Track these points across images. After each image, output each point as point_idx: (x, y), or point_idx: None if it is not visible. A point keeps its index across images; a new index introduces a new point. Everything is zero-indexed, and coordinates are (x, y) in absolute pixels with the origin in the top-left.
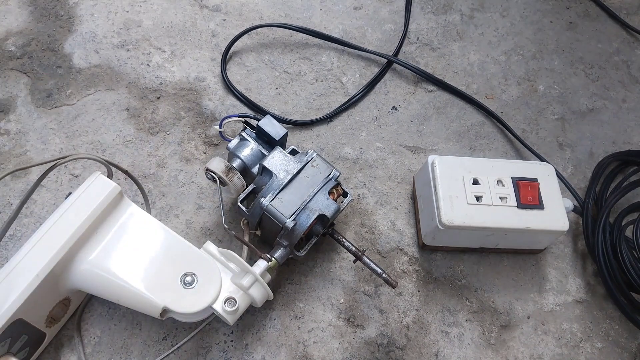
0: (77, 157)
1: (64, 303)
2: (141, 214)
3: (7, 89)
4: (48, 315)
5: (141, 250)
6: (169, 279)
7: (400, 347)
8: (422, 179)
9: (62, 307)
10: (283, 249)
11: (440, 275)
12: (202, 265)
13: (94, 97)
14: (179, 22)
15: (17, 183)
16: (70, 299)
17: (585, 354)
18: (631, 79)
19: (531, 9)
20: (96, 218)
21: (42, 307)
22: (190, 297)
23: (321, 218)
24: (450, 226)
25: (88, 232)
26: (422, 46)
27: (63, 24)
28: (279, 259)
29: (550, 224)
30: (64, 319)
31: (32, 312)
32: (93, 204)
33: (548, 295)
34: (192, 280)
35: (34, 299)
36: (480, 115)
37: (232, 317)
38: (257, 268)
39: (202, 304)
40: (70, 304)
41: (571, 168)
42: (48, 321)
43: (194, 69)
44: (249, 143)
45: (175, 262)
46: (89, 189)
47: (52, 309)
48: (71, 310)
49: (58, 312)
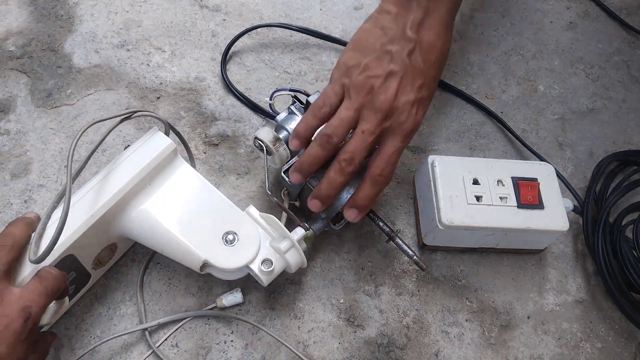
0: (144, 114)
1: (110, 248)
2: (192, 173)
3: (7, 89)
4: (96, 258)
5: (189, 205)
6: (212, 235)
7: (400, 347)
8: (422, 179)
9: (109, 252)
10: (321, 221)
11: (440, 275)
12: (244, 226)
13: (94, 97)
14: (179, 22)
15: (17, 183)
16: (117, 245)
17: (585, 354)
18: (631, 79)
19: (531, 9)
20: (151, 170)
21: (92, 247)
22: (230, 254)
23: None
24: (450, 226)
25: (142, 182)
26: None
27: (63, 24)
28: (316, 230)
29: (550, 224)
30: (109, 264)
31: (83, 251)
32: (150, 157)
33: (548, 295)
34: (234, 238)
35: (87, 238)
36: (480, 115)
37: (267, 278)
38: (294, 235)
39: (240, 261)
40: (116, 250)
41: (571, 168)
42: (95, 263)
43: (194, 69)
44: (296, 117)
45: (219, 220)
46: (147, 143)
47: (100, 251)
48: (116, 257)
49: (104, 256)
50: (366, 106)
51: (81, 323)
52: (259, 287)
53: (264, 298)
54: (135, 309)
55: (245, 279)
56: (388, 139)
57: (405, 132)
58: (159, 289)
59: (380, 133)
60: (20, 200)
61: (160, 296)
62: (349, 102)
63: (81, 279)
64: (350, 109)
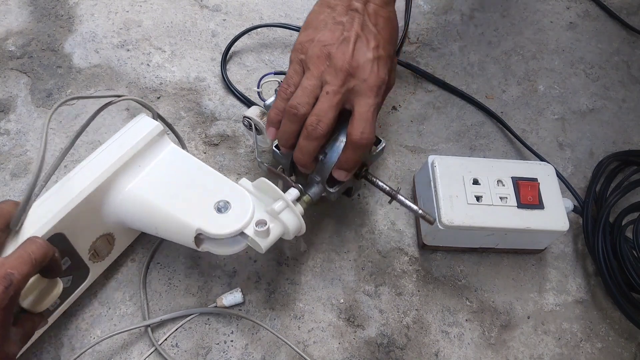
0: (128, 98)
1: (107, 239)
2: (180, 152)
3: (7, 89)
4: (92, 246)
5: (178, 181)
6: (204, 205)
7: (400, 347)
8: (422, 179)
9: (106, 243)
10: (316, 185)
11: (441, 275)
12: (236, 194)
13: None
14: (179, 22)
15: (17, 183)
16: (114, 236)
17: (586, 354)
18: (631, 79)
19: (531, 9)
20: (138, 151)
21: (85, 232)
22: (224, 221)
23: None
24: (450, 226)
25: (130, 163)
26: (422, 46)
27: (63, 23)
28: (312, 194)
29: (551, 224)
30: (108, 260)
31: (75, 234)
32: (137, 138)
33: (548, 295)
34: (226, 206)
35: (76, 217)
36: (480, 115)
37: (263, 240)
38: (288, 195)
39: (234, 227)
40: (114, 243)
41: (571, 168)
42: (91, 254)
43: (194, 68)
44: None
45: (210, 191)
46: (135, 126)
47: (95, 240)
48: (115, 252)
49: (102, 248)
50: (326, 71)
51: (81, 323)
52: (259, 287)
53: (263, 298)
54: (135, 308)
55: (246, 279)
56: (358, 99)
57: (371, 88)
58: (159, 288)
59: (345, 93)
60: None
61: (161, 296)
62: (309, 73)
63: (78, 270)
64: (312, 78)
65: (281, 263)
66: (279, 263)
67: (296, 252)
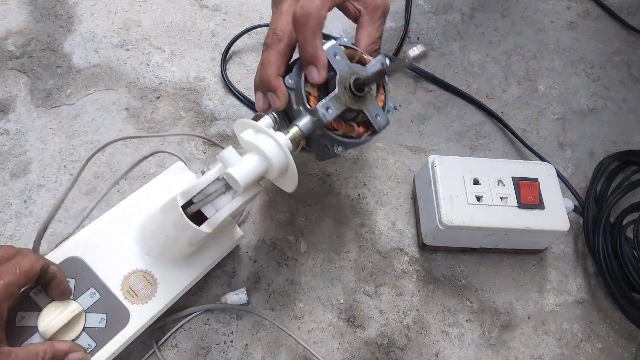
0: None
1: (145, 277)
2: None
3: (6, 89)
4: (124, 281)
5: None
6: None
7: (400, 347)
8: (422, 178)
9: (145, 282)
10: (304, 116)
11: (441, 275)
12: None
13: (93, 96)
14: (179, 22)
15: (16, 183)
16: (153, 276)
17: (586, 354)
18: (631, 79)
19: (531, 9)
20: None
21: (111, 262)
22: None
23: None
24: (451, 226)
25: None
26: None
27: (63, 23)
28: (303, 128)
29: (551, 224)
30: (153, 305)
31: (97, 260)
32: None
33: (548, 295)
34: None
35: (94, 241)
36: (480, 115)
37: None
38: (261, 122)
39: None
40: (155, 283)
41: (572, 168)
42: (126, 290)
43: (193, 68)
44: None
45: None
46: (169, 176)
47: (127, 274)
48: (161, 296)
49: (138, 286)
50: None
51: None
52: (259, 287)
53: (264, 298)
54: None
55: (246, 279)
56: None
57: None
58: None
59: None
60: (19, 200)
61: None
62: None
63: (113, 308)
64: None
65: (281, 263)
66: (279, 263)
67: (296, 252)
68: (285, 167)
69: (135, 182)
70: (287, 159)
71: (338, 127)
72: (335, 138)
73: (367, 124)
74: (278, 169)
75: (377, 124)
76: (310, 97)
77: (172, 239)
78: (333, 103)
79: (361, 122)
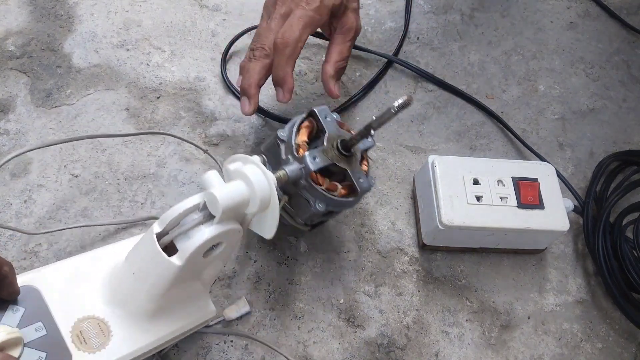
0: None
1: (99, 326)
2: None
3: (6, 89)
4: (75, 325)
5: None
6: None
7: (400, 347)
8: (422, 179)
9: (97, 330)
10: (292, 163)
11: (441, 275)
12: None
13: (93, 96)
14: (179, 22)
15: (16, 183)
16: (109, 327)
17: (586, 354)
18: (631, 79)
19: (531, 9)
20: None
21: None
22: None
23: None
24: (451, 226)
25: None
26: (422, 46)
27: (63, 23)
28: (289, 171)
29: (551, 224)
30: (98, 353)
31: (52, 296)
32: None
33: (548, 295)
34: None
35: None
36: (480, 115)
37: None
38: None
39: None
40: (109, 335)
41: (571, 168)
42: (75, 335)
43: (193, 68)
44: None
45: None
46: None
47: (79, 318)
48: (112, 350)
49: (89, 334)
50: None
51: None
52: (259, 287)
53: (263, 298)
54: None
55: (246, 279)
56: (294, 11)
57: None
58: None
59: (287, 12)
60: (19, 200)
61: None
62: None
63: (55, 349)
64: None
65: (281, 263)
66: (279, 263)
67: (296, 252)
68: (267, 201)
69: (135, 182)
70: (270, 191)
71: (322, 182)
72: (319, 191)
73: (350, 189)
74: (260, 199)
75: (360, 186)
76: (299, 149)
77: (139, 277)
78: (320, 155)
79: (345, 185)
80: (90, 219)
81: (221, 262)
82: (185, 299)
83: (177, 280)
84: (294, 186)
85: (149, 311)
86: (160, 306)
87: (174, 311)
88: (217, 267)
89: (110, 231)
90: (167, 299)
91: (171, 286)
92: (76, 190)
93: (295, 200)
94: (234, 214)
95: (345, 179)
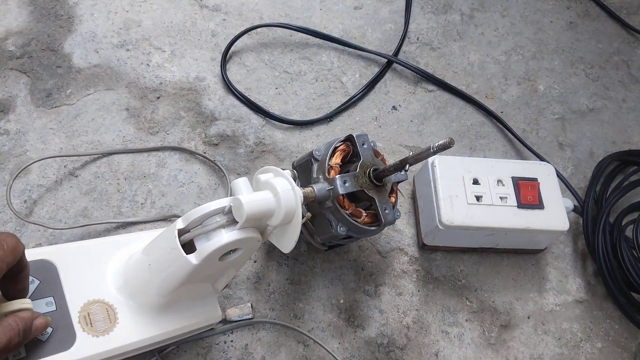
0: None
1: (107, 310)
2: None
3: (6, 89)
4: (84, 307)
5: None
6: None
7: (400, 347)
8: (422, 179)
9: (105, 315)
10: (321, 182)
11: (441, 275)
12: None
13: (93, 96)
14: (179, 22)
15: (17, 183)
16: (115, 312)
17: (586, 354)
18: (631, 79)
19: (531, 9)
20: None
21: (80, 281)
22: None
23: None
24: (450, 226)
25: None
26: (422, 46)
27: (63, 23)
28: (317, 190)
29: (551, 223)
30: (105, 341)
31: (68, 273)
32: None
33: (548, 295)
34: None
35: (71, 254)
36: (480, 115)
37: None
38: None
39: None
40: (115, 321)
41: (571, 168)
42: (83, 317)
43: (193, 68)
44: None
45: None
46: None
47: (89, 301)
48: (117, 335)
49: (96, 317)
50: None
51: None
52: (259, 287)
53: (263, 298)
54: None
55: (246, 279)
56: None
57: None
58: None
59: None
60: (20, 200)
61: None
62: None
63: (62, 325)
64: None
65: (281, 263)
66: (279, 263)
67: (296, 252)
68: (291, 215)
69: (135, 182)
70: (295, 205)
71: (348, 206)
72: (343, 215)
73: (374, 218)
74: (285, 212)
75: (385, 217)
76: (331, 170)
77: (154, 270)
78: (351, 180)
79: (369, 213)
80: (90, 219)
81: (235, 268)
82: (194, 299)
83: (190, 279)
84: (319, 205)
85: (158, 305)
86: (169, 302)
87: (181, 310)
88: (230, 272)
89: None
90: (177, 296)
91: (183, 283)
92: (76, 190)
93: (317, 220)
94: (257, 223)
95: (371, 207)
